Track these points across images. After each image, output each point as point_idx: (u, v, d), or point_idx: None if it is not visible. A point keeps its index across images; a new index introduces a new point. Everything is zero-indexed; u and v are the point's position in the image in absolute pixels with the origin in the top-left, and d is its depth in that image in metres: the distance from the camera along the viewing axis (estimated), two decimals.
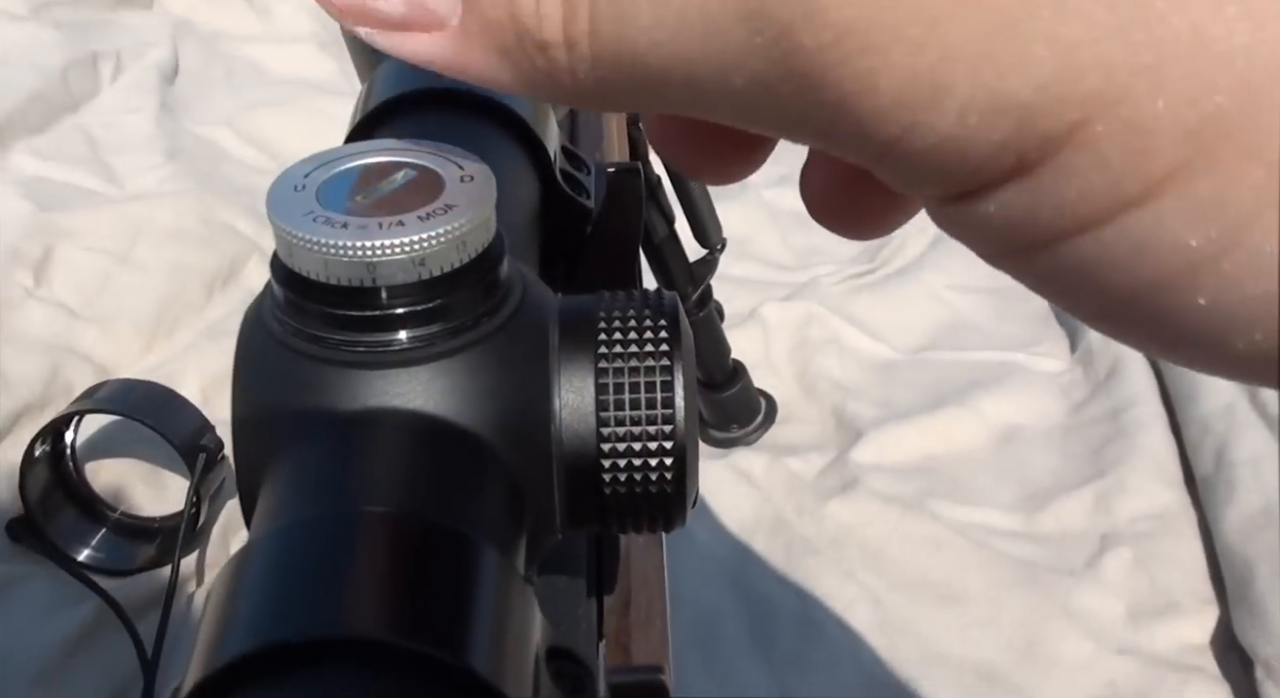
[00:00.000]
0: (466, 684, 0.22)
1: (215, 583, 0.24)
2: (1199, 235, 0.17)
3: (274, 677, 0.21)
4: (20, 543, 1.04)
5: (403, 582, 0.23)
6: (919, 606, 1.08)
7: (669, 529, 0.31)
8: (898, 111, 0.18)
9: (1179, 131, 0.16)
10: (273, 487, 0.27)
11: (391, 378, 0.27)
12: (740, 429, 1.23)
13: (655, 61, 0.20)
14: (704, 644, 1.03)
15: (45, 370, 1.17)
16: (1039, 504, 1.16)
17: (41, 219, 1.36)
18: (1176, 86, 0.16)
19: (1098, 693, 1.01)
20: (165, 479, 1.11)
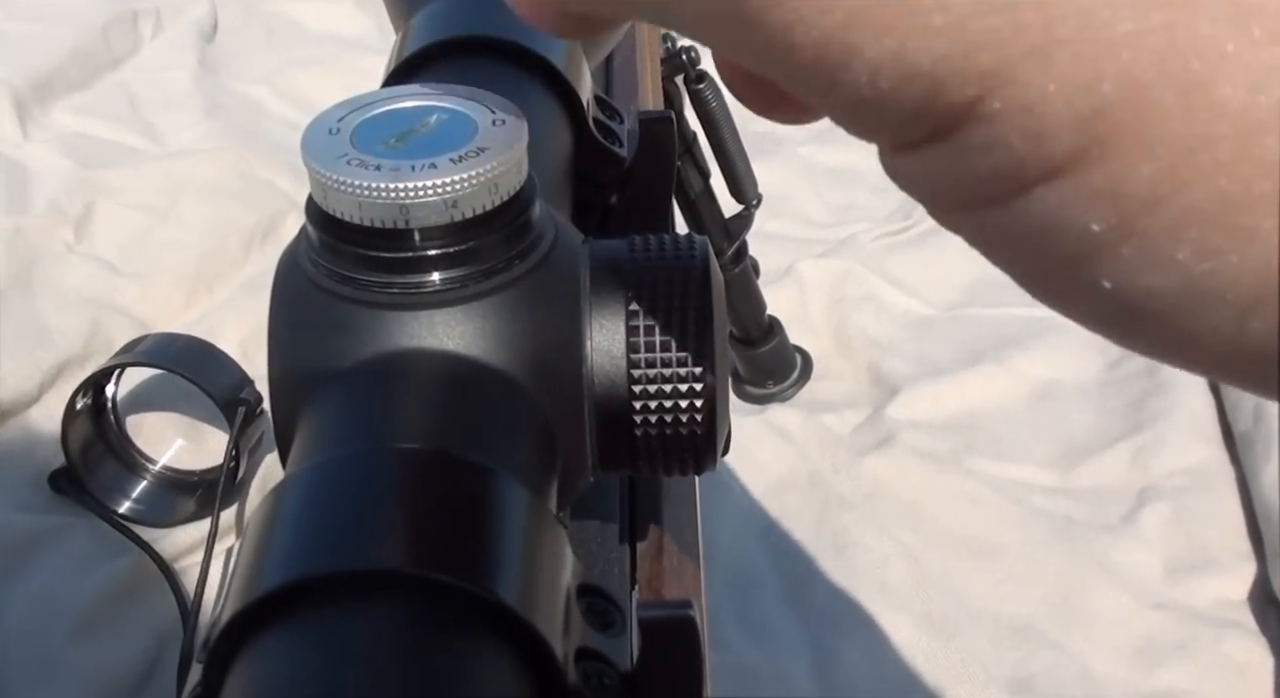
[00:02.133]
0: (497, 617, 0.22)
1: (252, 518, 0.24)
2: (1099, 221, 0.17)
3: (308, 609, 0.22)
4: (62, 495, 1.05)
5: (435, 517, 0.23)
6: (954, 561, 1.08)
7: (700, 472, 0.31)
8: (818, 68, 0.18)
9: (1072, 118, 0.16)
10: (307, 425, 0.27)
11: (424, 319, 0.27)
12: (776, 385, 1.23)
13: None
14: (738, 599, 1.04)
15: (86, 325, 1.18)
16: (1075, 460, 1.16)
17: (82, 175, 1.37)
18: (1065, 71, 0.16)
19: (1134, 648, 1.01)
20: (205, 433, 1.12)
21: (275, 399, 0.29)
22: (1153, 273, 0.17)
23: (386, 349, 0.27)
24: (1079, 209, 0.17)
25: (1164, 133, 0.16)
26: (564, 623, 0.24)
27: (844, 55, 0.18)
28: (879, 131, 0.19)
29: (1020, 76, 0.17)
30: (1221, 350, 0.18)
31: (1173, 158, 0.16)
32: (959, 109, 0.17)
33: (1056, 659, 1.00)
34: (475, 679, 0.21)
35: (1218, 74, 0.16)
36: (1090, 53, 0.16)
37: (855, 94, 0.18)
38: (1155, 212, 0.17)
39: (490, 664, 0.22)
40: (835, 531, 1.09)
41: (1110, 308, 0.19)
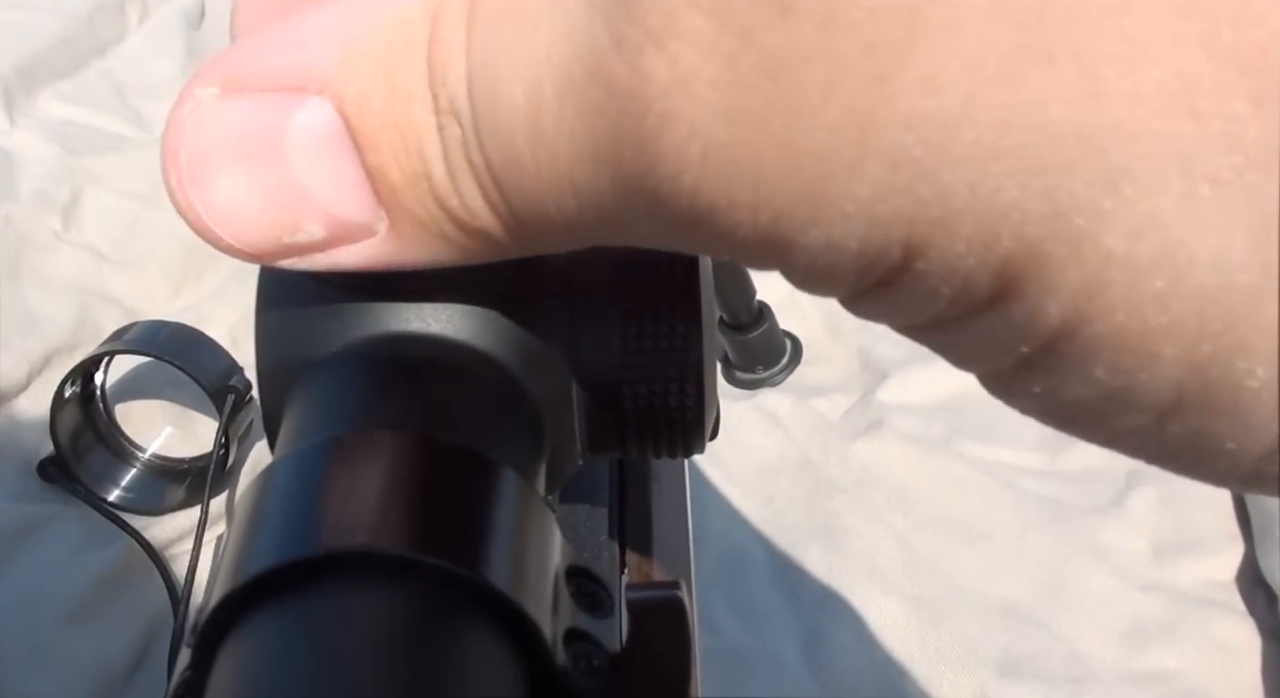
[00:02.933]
0: (485, 599, 0.22)
1: (240, 502, 0.24)
2: (1025, 344, 0.19)
3: (296, 592, 0.22)
4: (51, 483, 1.05)
5: (422, 500, 0.23)
6: (944, 544, 1.08)
7: (689, 454, 0.31)
8: (765, 258, 0.20)
9: (984, 269, 0.18)
10: (295, 410, 0.27)
11: (411, 302, 0.27)
12: (766, 370, 1.23)
13: (576, 226, 0.22)
14: (729, 583, 1.04)
15: (74, 313, 1.18)
16: (1064, 443, 1.16)
17: (70, 163, 1.36)
18: (969, 234, 0.18)
19: (1123, 629, 1.01)
20: (194, 420, 1.12)
21: (263, 385, 0.29)
22: (1077, 386, 0.19)
23: (373, 333, 0.27)
24: (1008, 335, 0.19)
25: (1062, 279, 0.18)
26: (553, 605, 0.24)
27: (783, 245, 0.19)
28: (834, 293, 0.21)
29: (933, 242, 0.18)
30: (1146, 446, 0.20)
31: (1075, 299, 0.18)
32: (893, 269, 0.19)
33: (1045, 641, 1.01)
34: (463, 661, 0.21)
35: (1100, 227, 0.17)
36: (985, 217, 0.17)
37: (805, 271, 0.20)
38: (1070, 340, 0.18)
39: (478, 646, 0.22)
40: (825, 514, 1.10)
41: (1046, 408, 0.21)
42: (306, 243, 0.24)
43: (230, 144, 0.23)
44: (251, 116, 0.23)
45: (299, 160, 0.23)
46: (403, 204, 0.23)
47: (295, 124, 0.23)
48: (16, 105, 1.47)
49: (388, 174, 0.22)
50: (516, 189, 0.22)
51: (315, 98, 0.23)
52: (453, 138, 0.22)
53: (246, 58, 0.23)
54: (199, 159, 0.24)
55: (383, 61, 0.22)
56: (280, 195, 0.23)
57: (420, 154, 0.22)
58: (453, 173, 0.22)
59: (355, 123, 0.22)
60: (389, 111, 0.22)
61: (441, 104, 0.21)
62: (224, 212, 0.24)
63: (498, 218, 0.22)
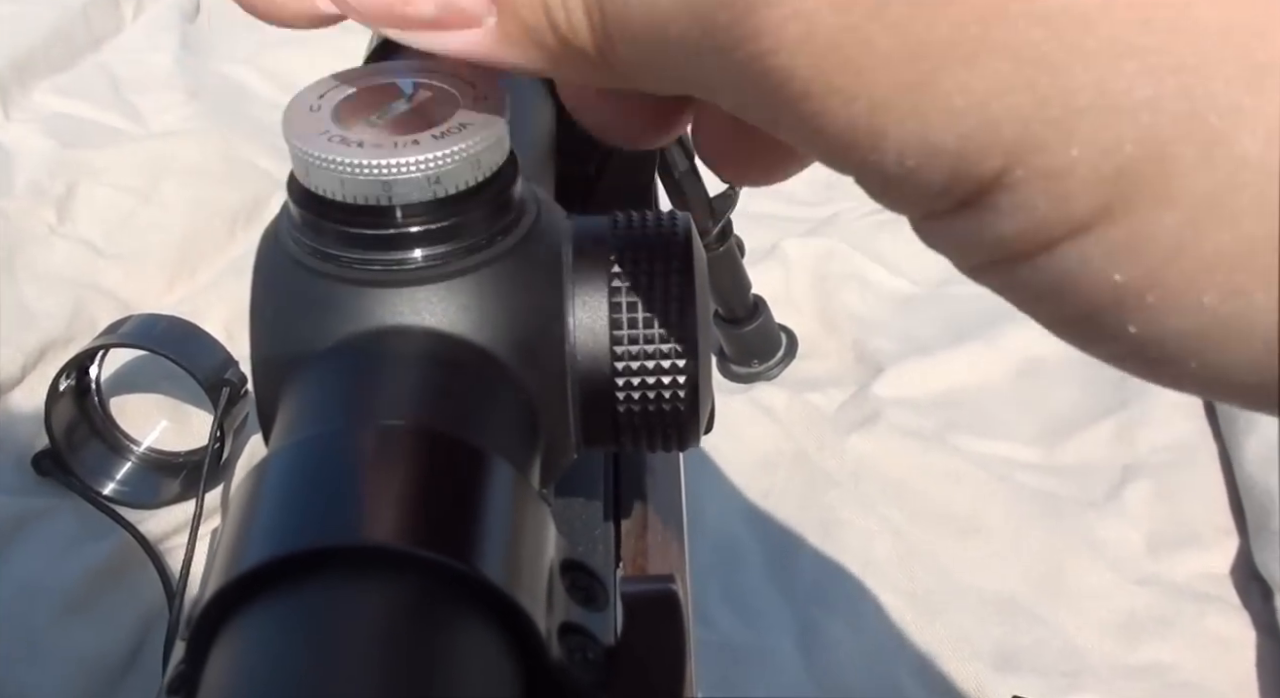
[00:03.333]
0: (480, 593, 0.22)
1: (234, 495, 0.24)
2: (1123, 271, 0.18)
3: (290, 585, 0.22)
4: (46, 477, 1.05)
5: (417, 492, 0.23)
6: (939, 538, 1.08)
7: (683, 448, 0.31)
8: (848, 151, 0.20)
9: (1095, 178, 0.17)
10: (290, 403, 0.27)
11: (406, 296, 0.27)
12: (761, 364, 1.23)
13: (668, 67, 0.22)
14: (724, 577, 1.04)
15: (69, 307, 1.18)
16: (1060, 437, 1.16)
17: (64, 156, 1.36)
18: (1087, 137, 0.17)
19: (1118, 622, 1.01)
20: (189, 414, 1.12)
21: (257, 377, 0.29)
22: (1179, 317, 0.18)
23: (369, 326, 0.27)
24: (1103, 262, 0.18)
25: (1188, 184, 0.17)
26: (547, 599, 0.24)
27: (871, 139, 0.19)
28: (909, 204, 0.21)
29: (1044, 146, 0.17)
30: (1251, 382, 0.19)
31: (1196, 207, 0.17)
32: (984, 180, 0.18)
33: (1041, 634, 1.01)
34: (458, 654, 0.21)
35: (1237, 128, 0.16)
36: (1110, 119, 0.17)
37: (884, 173, 0.20)
38: (1179, 259, 0.17)
39: (473, 639, 0.22)
40: (821, 508, 1.10)
41: (1137, 348, 0.19)
42: (416, 17, 0.24)
43: None
44: None
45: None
46: (514, 3, 0.23)
47: None
48: (11, 99, 1.47)
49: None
50: (618, 22, 0.22)
51: None
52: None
53: None
54: None
55: None
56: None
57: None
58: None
59: None
60: None
61: None
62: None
63: (595, 42, 0.23)
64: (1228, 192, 0.17)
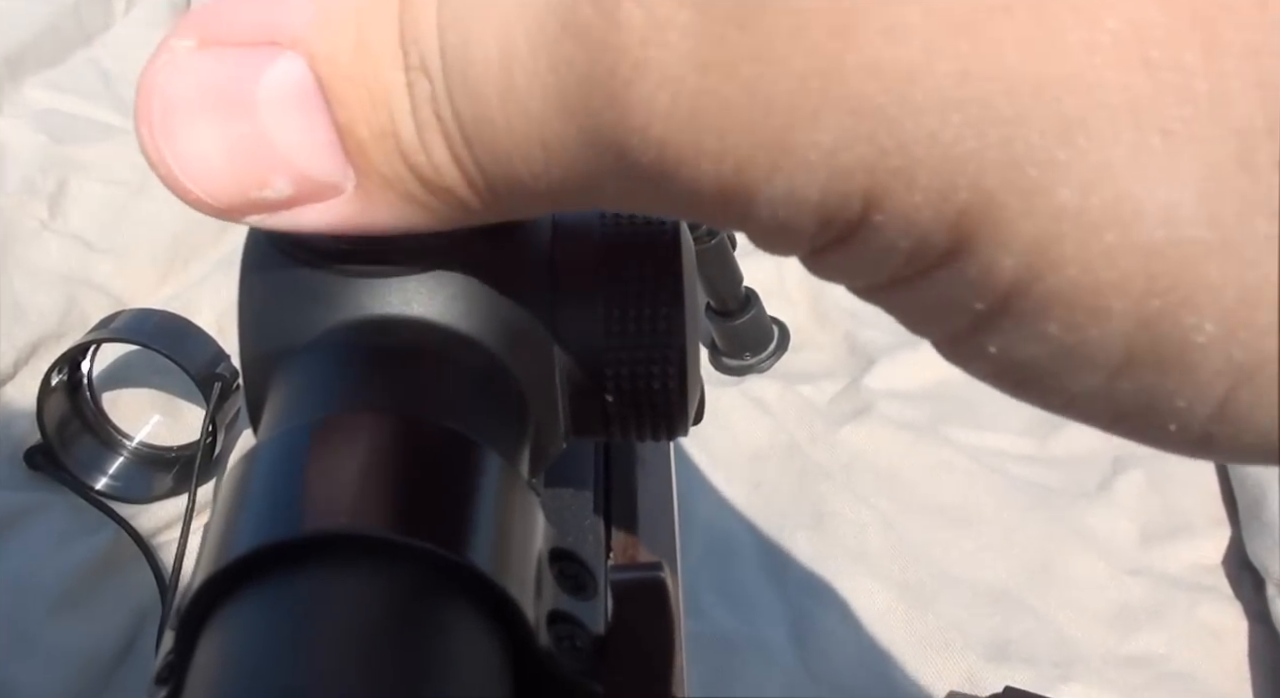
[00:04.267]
0: (468, 581, 0.22)
1: (223, 485, 0.24)
2: (980, 301, 0.19)
3: (278, 574, 0.22)
4: (39, 471, 1.05)
5: (404, 481, 0.23)
6: (932, 529, 1.08)
7: (672, 437, 0.31)
8: (726, 210, 0.20)
9: (941, 221, 0.18)
10: (278, 394, 0.27)
11: (395, 286, 0.27)
12: (753, 357, 1.23)
13: (543, 186, 0.22)
14: (716, 569, 1.04)
15: (61, 302, 1.18)
16: (1051, 428, 1.17)
17: (55, 152, 1.36)
18: (927, 185, 0.18)
19: (1110, 613, 1.02)
20: (181, 408, 1.12)
21: (246, 370, 0.29)
22: (1030, 343, 0.19)
23: (357, 316, 0.27)
24: (964, 291, 0.19)
25: (1016, 232, 0.18)
26: (536, 587, 0.24)
27: (743, 196, 0.20)
28: (792, 248, 0.21)
29: (892, 193, 0.18)
30: (1099, 408, 0.20)
31: (1028, 253, 0.18)
32: (852, 222, 0.19)
33: (1033, 625, 1.01)
34: (446, 642, 0.21)
35: (1054, 180, 0.17)
36: (944, 167, 0.18)
37: (761, 225, 0.20)
38: (1024, 295, 0.18)
39: (461, 628, 0.22)
40: (813, 500, 1.10)
41: (1000, 369, 0.21)
42: (274, 199, 0.24)
43: (202, 96, 0.23)
44: (224, 69, 0.23)
45: (269, 115, 0.23)
46: (370, 161, 0.23)
47: (267, 78, 0.23)
48: (2, 94, 1.47)
49: (356, 130, 0.23)
50: (486, 146, 0.22)
51: (288, 53, 0.23)
52: (422, 94, 0.22)
53: (223, 12, 0.24)
54: (171, 110, 0.24)
55: (354, 18, 0.22)
56: (249, 149, 0.23)
57: (388, 111, 0.22)
58: (421, 129, 0.22)
59: (325, 78, 0.23)
60: (359, 68, 0.22)
61: (412, 60, 0.22)
62: (193, 164, 0.24)
63: (465, 178, 0.22)
64: (1052, 241, 0.18)
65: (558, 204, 0.23)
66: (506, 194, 0.23)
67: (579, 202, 0.23)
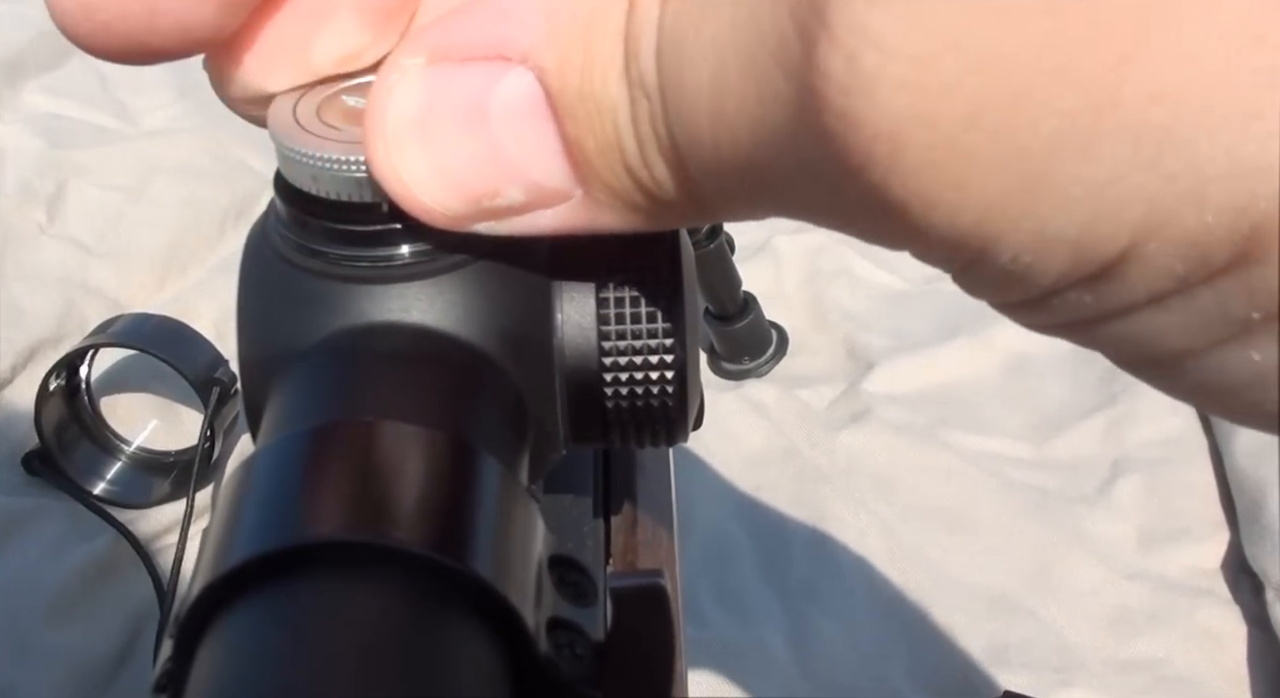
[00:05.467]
0: (468, 588, 0.22)
1: (222, 491, 0.24)
2: (1259, 309, 0.18)
3: (277, 582, 0.22)
4: (36, 476, 1.05)
5: (405, 489, 0.23)
6: (930, 534, 1.08)
7: (671, 443, 0.31)
8: (951, 257, 0.19)
9: (1231, 236, 0.17)
10: (277, 400, 0.27)
11: (394, 292, 0.27)
12: (752, 361, 1.23)
13: (758, 201, 0.22)
14: (715, 574, 1.04)
15: (59, 306, 1.18)
16: (1050, 432, 1.17)
17: (54, 156, 1.36)
18: (1220, 203, 0.17)
19: (1109, 617, 1.02)
20: (180, 413, 1.12)
21: (244, 374, 0.29)
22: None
23: (356, 323, 0.27)
24: (1236, 303, 0.18)
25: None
26: (535, 594, 0.24)
27: (980, 245, 0.19)
28: (1019, 299, 0.20)
29: (1176, 218, 0.17)
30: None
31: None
32: (1109, 260, 0.18)
33: (1032, 629, 1.01)
34: (446, 649, 0.21)
35: None
36: (1243, 182, 0.17)
37: (994, 271, 0.19)
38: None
39: (461, 634, 0.22)
40: (812, 504, 1.10)
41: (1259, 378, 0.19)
42: (506, 207, 0.25)
43: (434, 111, 0.24)
44: (457, 85, 0.24)
45: (502, 127, 0.24)
46: (596, 172, 0.23)
47: (499, 93, 0.24)
48: (1, 99, 1.47)
49: (583, 143, 0.23)
50: (699, 166, 0.22)
51: (518, 67, 0.23)
52: (642, 111, 0.22)
53: (452, 29, 0.24)
54: (403, 127, 0.24)
55: (582, 34, 0.22)
56: (484, 160, 0.24)
57: (614, 125, 0.22)
58: (642, 145, 0.22)
59: (554, 92, 0.23)
60: (587, 82, 0.23)
61: (633, 77, 0.22)
62: (426, 177, 0.25)
63: (681, 189, 0.23)
64: None
65: (770, 214, 0.23)
66: (719, 204, 0.23)
67: (794, 215, 0.22)
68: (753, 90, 0.20)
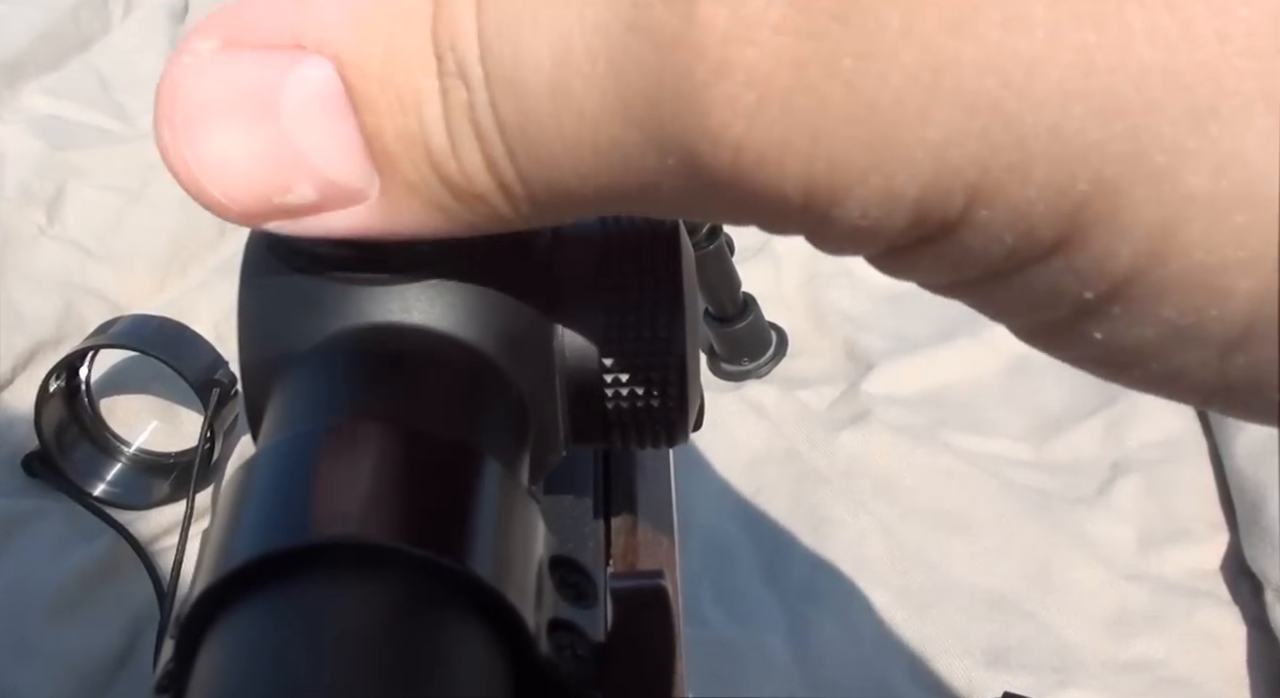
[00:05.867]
0: (469, 589, 0.22)
1: (222, 492, 0.24)
2: (1090, 290, 0.19)
3: (278, 583, 0.22)
4: (36, 478, 1.05)
5: (404, 489, 0.23)
6: (930, 535, 1.08)
7: (672, 444, 0.31)
8: (803, 213, 0.20)
9: (1055, 214, 0.18)
10: (278, 401, 0.27)
11: (395, 294, 0.27)
12: (751, 362, 1.23)
13: (590, 190, 0.22)
14: (715, 574, 1.04)
15: (59, 308, 1.18)
16: (1050, 433, 1.17)
17: (53, 157, 1.36)
18: (1043, 179, 0.18)
19: (1108, 619, 1.02)
20: (180, 415, 1.12)
21: (245, 375, 0.29)
22: (1141, 327, 0.19)
23: (357, 324, 0.27)
24: (1069, 282, 0.19)
25: (1139, 219, 0.18)
26: (536, 595, 0.24)
27: (831, 197, 0.19)
28: (869, 251, 0.21)
29: (1003, 188, 0.18)
30: (1206, 383, 0.20)
31: (1150, 239, 0.18)
32: (949, 220, 0.19)
33: (1032, 631, 1.01)
34: (446, 650, 0.21)
35: (1183, 167, 0.17)
36: (1064, 162, 0.17)
37: (842, 227, 0.20)
38: (1139, 281, 0.18)
39: (461, 636, 0.22)
40: (811, 505, 1.10)
41: (1101, 353, 0.20)
42: (297, 205, 0.24)
43: (226, 99, 0.23)
44: (248, 72, 0.23)
45: (294, 118, 0.23)
46: (396, 167, 0.23)
47: (292, 81, 0.23)
48: (0, 100, 1.47)
49: (383, 135, 0.22)
50: (530, 152, 0.21)
51: (315, 56, 0.22)
52: (456, 100, 0.21)
53: (248, 13, 0.23)
54: (193, 113, 0.23)
55: (385, 23, 0.22)
56: (273, 153, 0.23)
57: (418, 117, 0.22)
58: (453, 136, 0.22)
59: (353, 82, 0.22)
60: (389, 73, 0.22)
61: (446, 67, 0.21)
62: (215, 168, 0.24)
63: (499, 184, 0.22)
64: (1178, 225, 0.17)
65: (601, 210, 0.23)
66: (546, 200, 0.22)
67: (627, 207, 0.22)
68: (603, 61, 0.20)
